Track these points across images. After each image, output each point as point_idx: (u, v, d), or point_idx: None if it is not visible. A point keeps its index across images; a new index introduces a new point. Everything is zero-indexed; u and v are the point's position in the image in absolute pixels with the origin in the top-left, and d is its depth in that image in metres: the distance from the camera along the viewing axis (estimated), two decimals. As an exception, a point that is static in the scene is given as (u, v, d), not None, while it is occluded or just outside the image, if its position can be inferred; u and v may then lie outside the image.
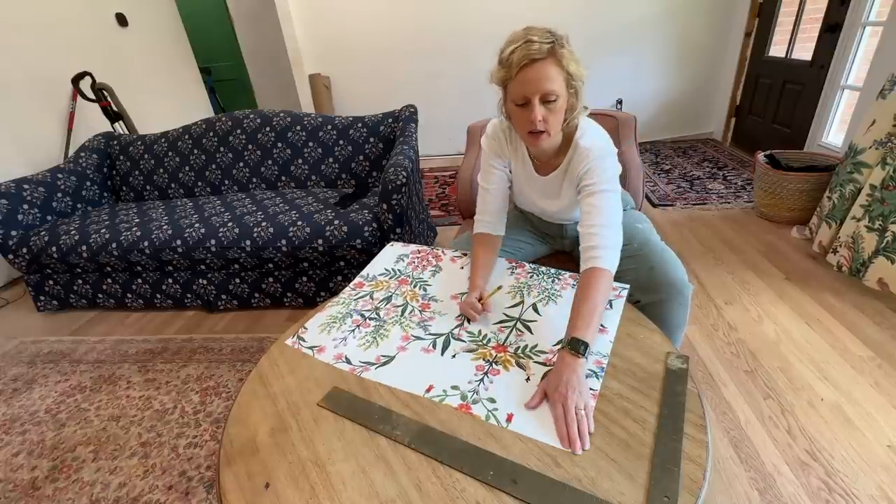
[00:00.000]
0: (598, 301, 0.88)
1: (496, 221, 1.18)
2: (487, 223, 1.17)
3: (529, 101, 0.93)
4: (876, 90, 2.01)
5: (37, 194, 2.16)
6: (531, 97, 0.93)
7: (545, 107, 0.94)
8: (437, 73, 3.98)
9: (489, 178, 1.18)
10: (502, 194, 1.19)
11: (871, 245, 1.84)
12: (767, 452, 1.23)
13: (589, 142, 1.02)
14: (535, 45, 0.89)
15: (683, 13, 3.64)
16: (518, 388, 0.81)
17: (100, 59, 3.00)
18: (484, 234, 1.17)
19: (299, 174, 2.36)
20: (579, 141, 1.03)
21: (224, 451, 0.74)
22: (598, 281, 0.91)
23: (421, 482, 0.66)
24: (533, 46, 0.89)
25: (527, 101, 0.94)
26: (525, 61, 0.90)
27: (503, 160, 1.17)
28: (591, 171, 1.00)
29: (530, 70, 0.91)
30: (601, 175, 1.00)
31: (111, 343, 1.92)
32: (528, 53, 0.89)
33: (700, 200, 2.82)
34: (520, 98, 0.94)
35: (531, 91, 0.92)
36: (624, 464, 0.66)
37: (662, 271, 1.09)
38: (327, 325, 1.02)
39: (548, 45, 0.89)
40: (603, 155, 1.01)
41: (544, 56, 0.90)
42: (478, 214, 1.20)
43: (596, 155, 1.01)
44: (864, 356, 1.52)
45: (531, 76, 0.91)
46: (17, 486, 1.30)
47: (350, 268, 1.93)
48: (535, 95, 0.92)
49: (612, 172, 1.03)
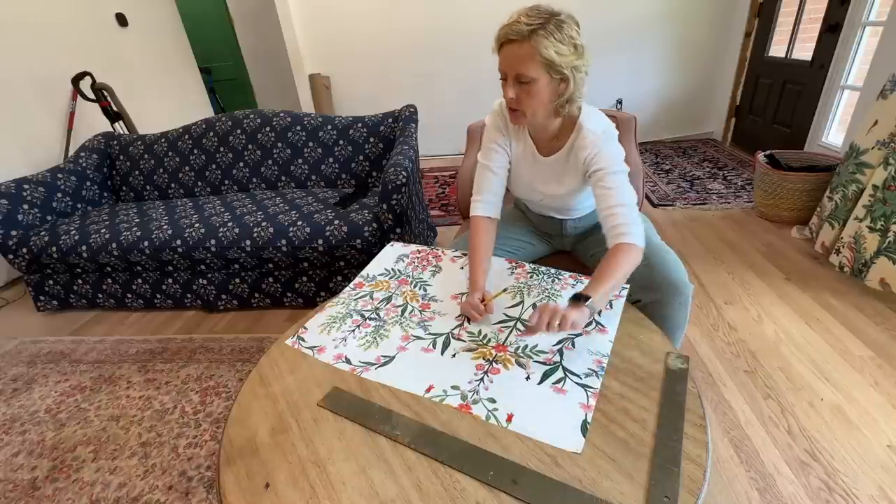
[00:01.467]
0: (617, 270, 0.92)
1: (496, 202, 1.17)
2: (489, 203, 1.16)
3: (507, 77, 0.97)
4: (876, 90, 2.01)
5: (37, 194, 2.16)
6: (508, 74, 0.97)
7: (521, 87, 0.97)
8: (437, 73, 3.98)
9: (491, 155, 1.17)
10: (503, 174, 1.19)
11: (872, 245, 1.84)
12: (767, 452, 1.23)
13: (593, 125, 1.05)
14: (517, 27, 0.91)
15: (683, 13, 3.64)
16: (518, 388, 0.81)
17: (100, 59, 3.00)
18: (483, 219, 1.15)
19: (299, 174, 2.36)
20: (583, 124, 1.05)
21: (224, 451, 0.74)
22: (625, 253, 0.94)
23: (421, 482, 0.66)
24: (514, 27, 0.92)
25: (505, 76, 0.98)
26: (503, 40, 0.94)
27: (506, 137, 1.17)
28: (599, 155, 1.03)
29: (507, 49, 0.95)
30: (609, 158, 1.03)
31: (111, 343, 1.92)
32: (508, 33, 0.93)
33: (700, 200, 2.82)
34: (501, 72, 0.99)
35: (507, 69, 0.97)
36: (624, 464, 0.66)
37: (662, 271, 1.09)
38: (327, 325, 1.02)
39: (530, 28, 0.91)
40: (607, 138, 1.04)
41: (522, 38, 0.92)
42: (477, 194, 1.18)
43: (602, 139, 1.03)
44: (864, 356, 1.52)
45: (506, 55, 0.96)
46: (17, 486, 1.30)
47: (350, 268, 1.93)
48: (510, 74, 0.96)
49: (619, 154, 1.05)
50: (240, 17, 4.46)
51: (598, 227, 1.31)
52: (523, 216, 1.44)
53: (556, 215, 1.31)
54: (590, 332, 0.93)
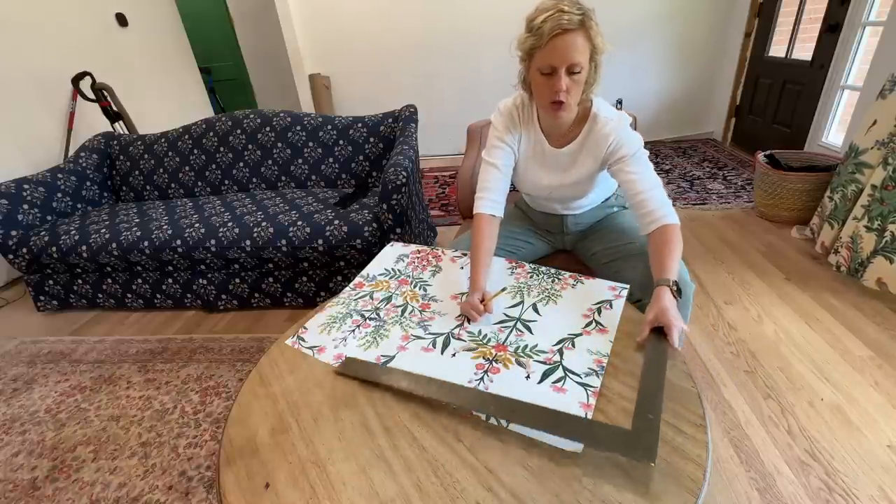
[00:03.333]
0: (677, 250, 0.98)
1: (500, 201, 1.16)
2: (493, 202, 1.15)
3: (556, 70, 0.96)
4: (876, 90, 2.01)
5: (37, 194, 2.16)
6: (559, 67, 0.95)
7: (570, 78, 0.97)
8: (437, 73, 3.98)
9: (497, 153, 1.17)
10: (508, 172, 1.18)
11: (869, 245, 1.84)
12: (767, 452, 1.23)
13: (608, 113, 1.07)
14: (567, 16, 0.91)
15: (683, 13, 3.64)
16: (518, 387, 0.81)
17: (100, 59, 3.00)
18: (487, 217, 1.14)
19: (299, 174, 2.36)
20: (598, 113, 1.07)
21: (224, 451, 0.74)
22: (674, 234, 0.99)
23: (421, 482, 0.66)
24: (564, 17, 0.91)
25: (553, 70, 0.96)
26: (557, 30, 0.92)
27: (514, 136, 1.17)
28: (621, 140, 1.06)
29: (560, 40, 0.92)
30: (630, 143, 1.05)
31: (111, 343, 1.92)
32: (560, 23, 0.91)
33: (700, 200, 2.82)
34: (546, 67, 0.97)
35: (559, 61, 0.95)
36: (624, 463, 0.66)
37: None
38: (327, 325, 1.02)
39: (578, 16, 0.91)
40: (625, 124, 1.07)
41: (575, 27, 0.92)
42: (481, 192, 1.16)
43: (621, 125, 1.06)
44: (864, 356, 1.52)
45: (560, 46, 0.93)
46: (17, 486, 1.30)
47: (350, 268, 1.93)
48: (563, 65, 0.95)
49: (637, 137, 1.08)
50: (240, 17, 4.46)
51: (598, 226, 1.32)
52: (524, 215, 1.44)
53: (559, 210, 1.31)
54: (590, 332, 0.93)
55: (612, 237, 1.25)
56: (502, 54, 1.29)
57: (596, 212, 1.32)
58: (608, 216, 1.33)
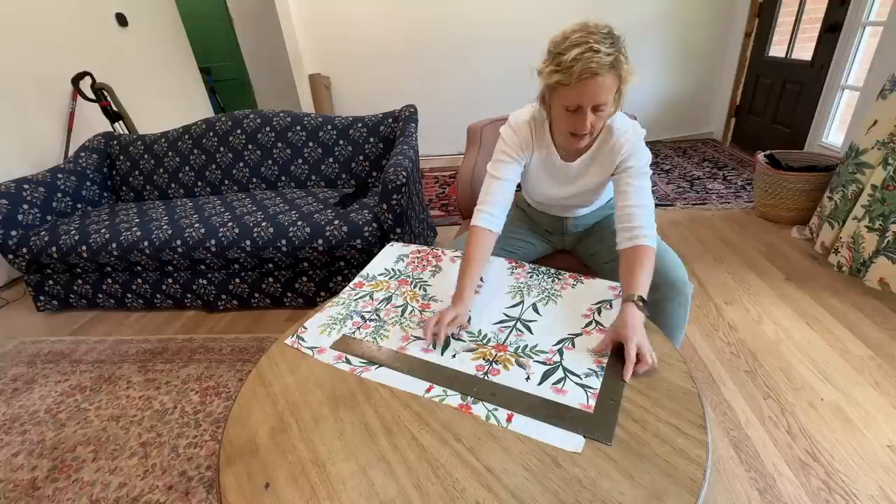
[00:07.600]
0: (648, 269, 0.97)
1: (500, 216, 1.13)
2: (492, 217, 1.11)
3: (582, 108, 0.94)
4: (876, 90, 2.01)
5: (37, 194, 2.16)
6: (585, 107, 0.94)
7: (595, 114, 0.95)
8: (437, 74, 3.98)
9: (503, 168, 1.13)
10: (512, 187, 1.15)
11: (871, 245, 1.84)
12: (767, 452, 1.23)
13: (624, 125, 1.06)
14: (598, 57, 0.86)
15: (683, 13, 3.64)
16: (519, 387, 0.81)
17: (100, 59, 3.00)
18: (484, 231, 1.10)
19: (299, 174, 2.36)
20: (612, 125, 1.06)
21: (224, 451, 0.74)
22: (649, 256, 0.98)
23: (421, 482, 0.66)
24: (595, 58, 0.86)
25: (579, 108, 0.94)
26: (587, 74, 0.88)
27: (525, 153, 1.14)
28: (633, 152, 1.05)
29: (591, 82, 0.89)
30: (641, 158, 1.06)
31: (111, 343, 1.92)
32: (591, 67, 0.87)
33: (700, 200, 2.82)
34: (573, 105, 0.94)
35: (587, 102, 0.93)
36: (623, 463, 0.66)
37: (662, 271, 1.09)
38: (327, 325, 1.02)
39: (609, 56, 0.87)
40: (640, 138, 1.07)
41: (606, 70, 0.88)
42: (482, 205, 1.13)
43: (635, 137, 1.06)
44: (864, 356, 1.52)
45: (591, 89, 0.90)
46: (17, 486, 1.30)
47: (350, 268, 1.93)
48: (590, 105, 0.93)
49: (648, 156, 1.07)
50: (240, 17, 4.45)
51: (599, 226, 1.32)
52: (524, 215, 1.44)
53: (560, 213, 1.31)
54: (590, 332, 0.93)
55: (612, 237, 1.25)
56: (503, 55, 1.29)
57: (596, 213, 1.32)
58: (608, 217, 1.33)
